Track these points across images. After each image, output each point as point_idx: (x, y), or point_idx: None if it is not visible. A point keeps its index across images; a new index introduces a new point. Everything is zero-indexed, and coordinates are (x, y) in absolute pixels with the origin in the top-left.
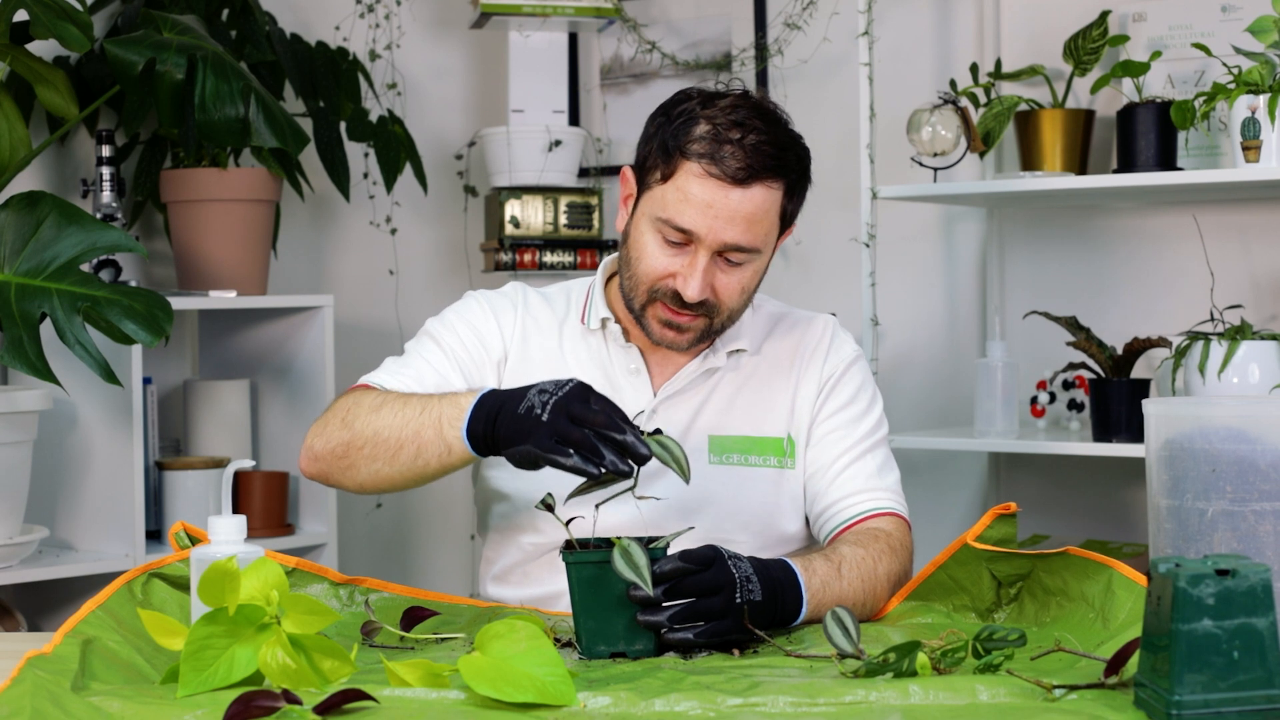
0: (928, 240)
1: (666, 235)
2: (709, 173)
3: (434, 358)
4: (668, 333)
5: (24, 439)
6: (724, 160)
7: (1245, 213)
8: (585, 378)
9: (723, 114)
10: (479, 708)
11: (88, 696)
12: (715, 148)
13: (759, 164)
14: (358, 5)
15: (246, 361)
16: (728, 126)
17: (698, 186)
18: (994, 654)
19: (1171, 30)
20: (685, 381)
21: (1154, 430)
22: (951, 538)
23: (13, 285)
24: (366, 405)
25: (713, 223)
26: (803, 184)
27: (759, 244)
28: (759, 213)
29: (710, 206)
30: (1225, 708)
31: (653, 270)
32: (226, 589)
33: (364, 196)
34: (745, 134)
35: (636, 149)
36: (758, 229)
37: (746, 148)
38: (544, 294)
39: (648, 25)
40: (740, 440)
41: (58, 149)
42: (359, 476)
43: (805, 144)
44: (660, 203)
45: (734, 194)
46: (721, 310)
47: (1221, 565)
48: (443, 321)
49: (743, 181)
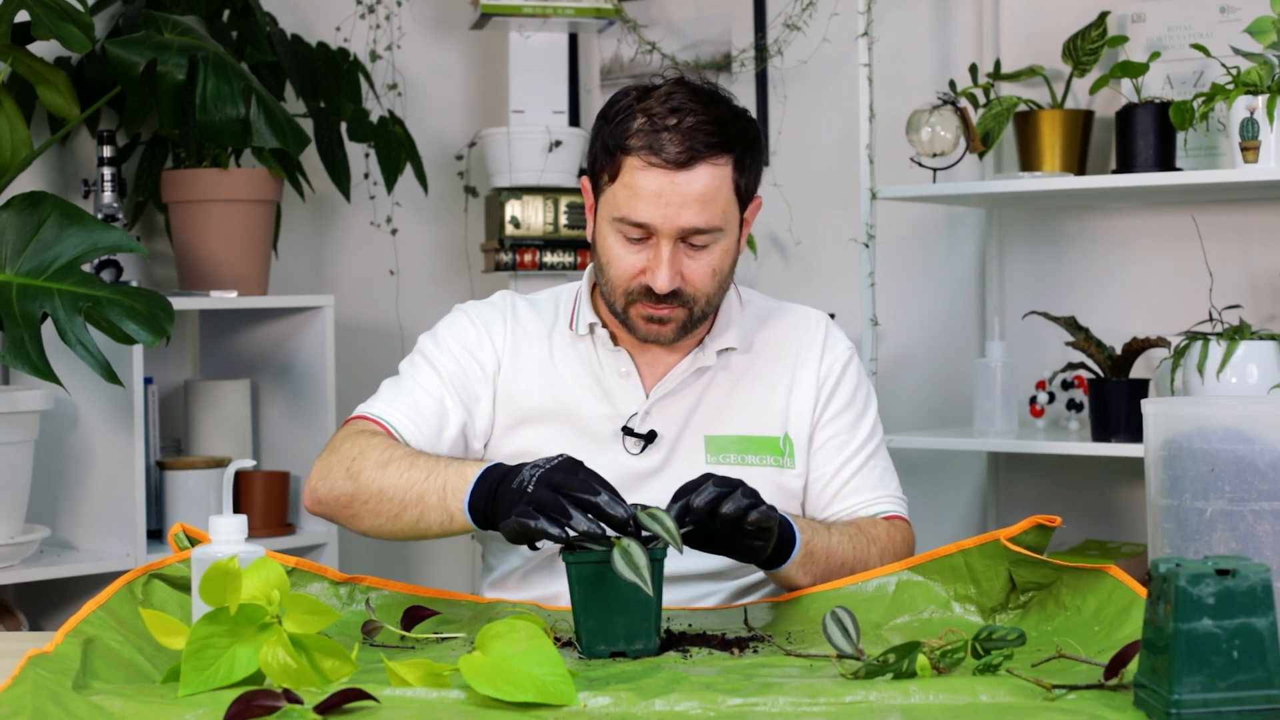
0: (927, 240)
1: (627, 234)
2: (650, 162)
3: (429, 383)
4: (652, 327)
5: (25, 439)
6: (664, 147)
7: (1244, 213)
8: (576, 383)
9: (658, 103)
10: (479, 707)
11: (89, 696)
12: (653, 137)
13: (699, 144)
14: (358, 6)
15: (247, 361)
16: (664, 115)
17: (643, 178)
18: (993, 654)
19: (1170, 31)
20: (676, 382)
21: (1153, 430)
22: (951, 537)
23: (14, 285)
24: (373, 460)
25: (665, 210)
26: (753, 156)
27: (717, 223)
28: (709, 192)
29: (659, 195)
30: (1225, 707)
31: (623, 271)
32: (228, 588)
33: (364, 197)
34: (682, 118)
35: (586, 157)
36: (713, 208)
37: (684, 131)
38: (532, 301)
39: (648, 26)
40: (736, 440)
41: (59, 149)
42: (362, 525)
43: (750, 117)
44: (613, 203)
45: (679, 178)
46: (698, 297)
47: (1222, 565)
48: (435, 340)
49: (685, 164)
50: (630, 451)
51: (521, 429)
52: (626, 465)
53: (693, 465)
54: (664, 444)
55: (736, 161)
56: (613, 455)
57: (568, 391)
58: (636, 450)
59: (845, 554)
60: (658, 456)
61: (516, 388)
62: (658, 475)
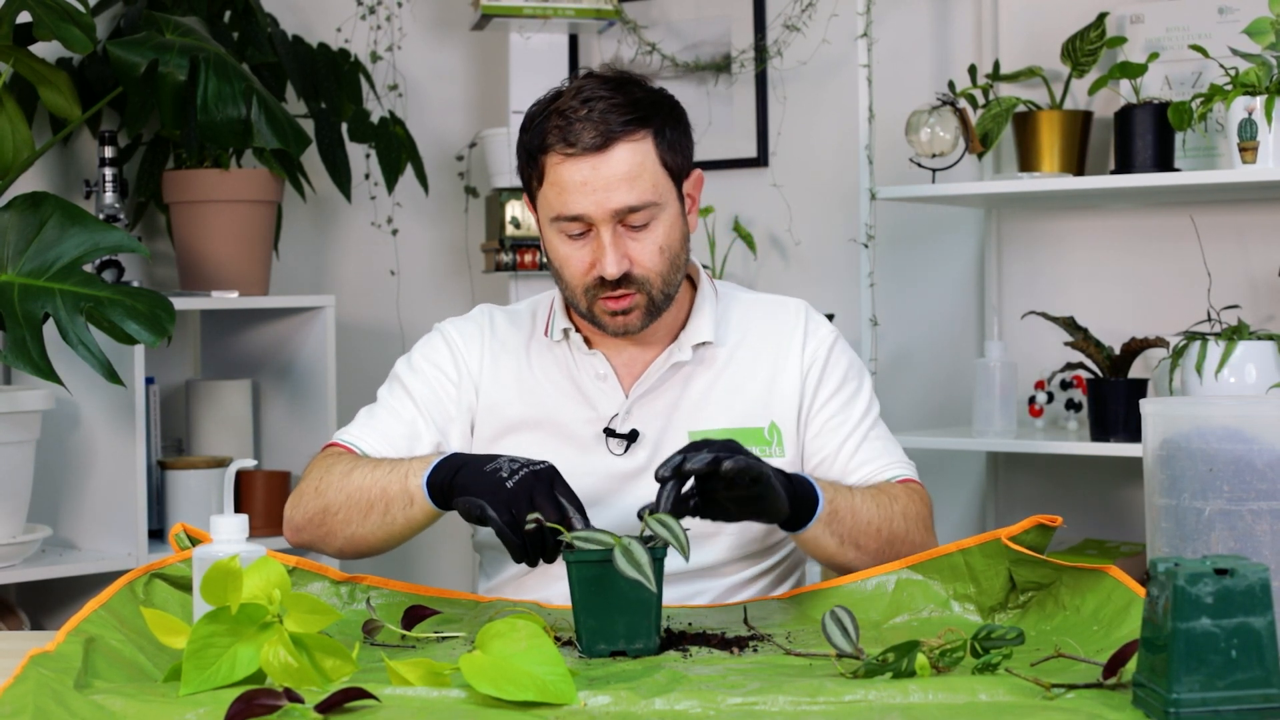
0: (926, 241)
1: (567, 231)
2: (568, 154)
3: (401, 406)
4: (617, 320)
5: (27, 438)
6: (578, 136)
7: (1242, 213)
8: (555, 389)
9: (568, 98)
10: (480, 706)
11: (90, 695)
12: (567, 130)
13: (613, 125)
14: (359, 7)
15: (248, 361)
16: (576, 107)
17: (565, 171)
18: (992, 653)
19: (1169, 32)
20: (654, 379)
21: (1151, 430)
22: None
23: (16, 285)
24: (338, 473)
25: (593, 196)
26: (673, 129)
27: (649, 198)
28: (634, 169)
29: (585, 184)
30: (1223, 706)
31: (575, 270)
32: (229, 588)
33: (365, 197)
34: (592, 107)
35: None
36: (641, 184)
37: (595, 117)
38: (511, 312)
39: (648, 27)
40: (721, 433)
41: (60, 150)
42: (336, 542)
43: (666, 94)
44: (547, 205)
45: (598, 161)
46: (650, 278)
47: (1220, 565)
48: (411, 366)
49: (601, 147)
50: (614, 452)
51: (505, 439)
52: (612, 466)
53: None
54: (647, 442)
55: (656, 135)
56: (597, 458)
57: (547, 398)
58: (620, 451)
59: (870, 513)
60: (642, 455)
61: (497, 399)
62: (644, 474)
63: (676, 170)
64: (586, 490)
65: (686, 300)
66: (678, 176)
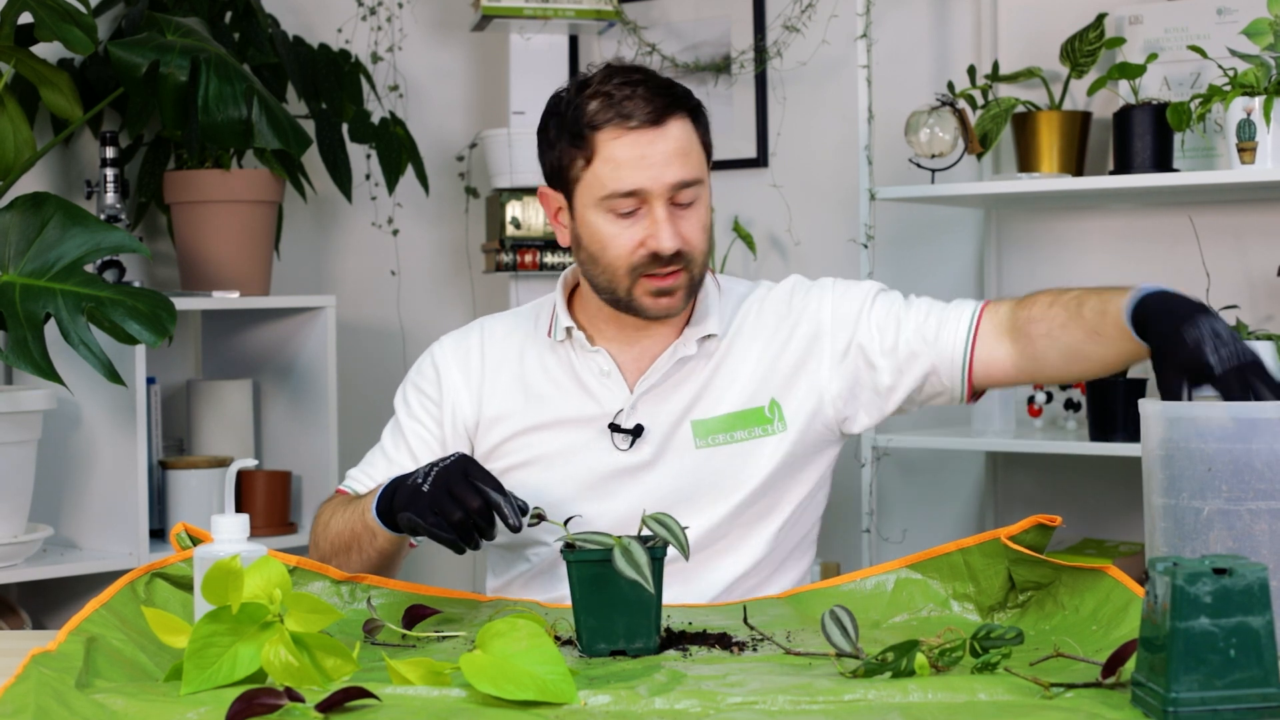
0: (926, 241)
1: (618, 209)
2: (626, 129)
3: (397, 452)
4: (660, 301)
5: (28, 438)
6: (633, 113)
7: (1241, 214)
8: (559, 389)
9: (603, 84)
10: (480, 705)
11: (92, 694)
12: (619, 107)
13: (664, 102)
14: (360, 8)
15: (249, 361)
16: (617, 88)
17: (623, 147)
18: (992, 653)
19: (1167, 33)
20: (659, 374)
21: (1150, 430)
22: (950, 536)
23: (17, 285)
24: (322, 523)
25: (652, 170)
26: (703, 114)
27: (699, 174)
28: (686, 143)
29: (644, 158)
30: (1221, 705)
31: (622, 250)
32: (230, 587)
33: (366, 198)
34: (635, 86)
35: (542, 167)
36: (693, 159)
37: (645, 95)
38: (513, 316)
39: (648, 27)
40: (722, 419)
41: (62, 150)
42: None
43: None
44: (597, 184)
45: (656, 136)
46: (695, 256)
47: (1219, 564)
48: (404, 402)
49: (658, 121)
50: (619, 448)
51: (512, 443)
52: (617, 461)
53: (683, 454)
54: (653, 437)
55: (694, 116)
56: (603, 454)
57: (552, 399)
58: (625, 446)
59: None
60: (647, 450)
61: (500, 409)
62: (649, 469)
63: (709, 152)
64: (592, 486)
65: None
66: (708, 158)
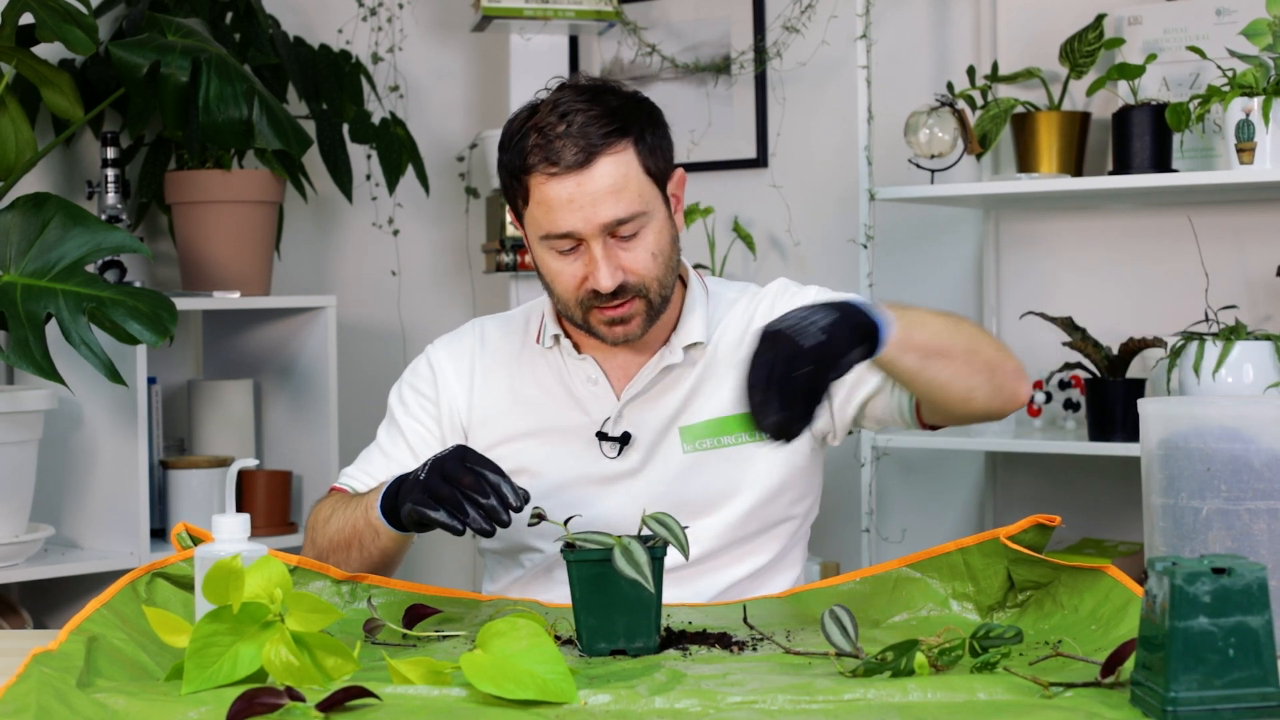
0: (925, 241)
1: (557, 248)
2: (551, 174)
3: (395, 449)
4: (616, 329)
5: (29, 438)
6: (559, 155)
7: (1239, 214)
8: (548, 396)
9: (545, 114)
10: (480, 705)
11: (93, 693)
12: (548, 149)
13: (594, 139)
14: (360, 8)
15: (250, 361)
16: (554, 124)
17: (550, 190)
18: (991, 652)
19: (1167, 33)
20: (645, 382)
21: (1149, 430)
22: (949, 536)
23: (18, 286)
24: (321, 520)
25: (581, 213)
26: (653, 133)
27: (636, 208)
28: (619, 181)
29: (571, 201)
30: (1220, 705)
31: (567, 285)
32: (230, 587)
33: (366, 198)
34: (570, 122)
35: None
36: (627, 195)
37: (575, 133)
38: (506, 319)
39: (648, 28)
40: (708, 424)
41: (63, 151)
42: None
43: (642, 97)
44: (535, 223)
45: (583, 178)
46: (647, 283)
47: (1218, 564)
48: (400, 399)
49: (584, 164)
50: (607, 456)
51: (501, 448)
52: (605, 469)
53: (670, 461)
54: (640, 444)
55: (637, 143)
56: (591, 461)
57: (541, 405)
58: (613, 454)
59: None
60: (635, 457)
61: (490, 412)
62: (637, 475)
63: (659, 174)
64: (581, 493)
65: (677, 301)
66: (661, 180)
